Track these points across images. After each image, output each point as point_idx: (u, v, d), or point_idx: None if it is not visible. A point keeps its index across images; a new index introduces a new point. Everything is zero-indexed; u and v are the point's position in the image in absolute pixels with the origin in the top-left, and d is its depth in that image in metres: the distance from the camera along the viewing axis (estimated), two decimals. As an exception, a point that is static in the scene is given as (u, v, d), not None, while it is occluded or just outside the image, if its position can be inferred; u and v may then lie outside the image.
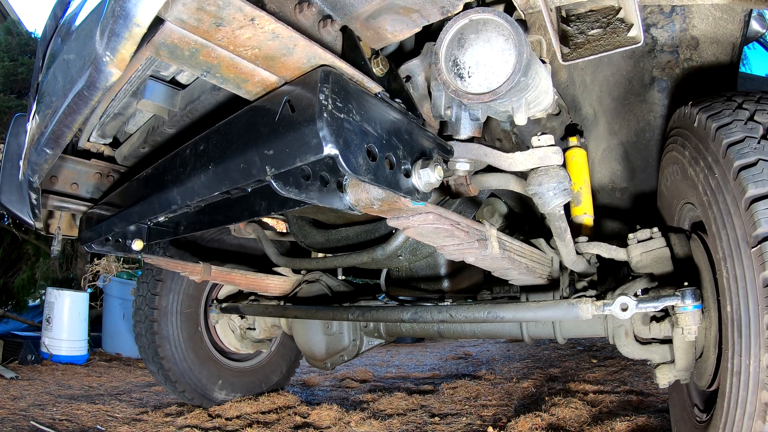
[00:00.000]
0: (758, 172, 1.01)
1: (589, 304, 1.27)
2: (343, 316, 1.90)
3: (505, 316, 1.43)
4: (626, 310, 1.22)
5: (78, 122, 0.96)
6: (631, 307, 1.22)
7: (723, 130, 1.11)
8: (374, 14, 0.95)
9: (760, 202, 0.98)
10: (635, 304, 1.23)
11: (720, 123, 1.13)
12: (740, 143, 1.07)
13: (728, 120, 1.13)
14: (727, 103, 1.18)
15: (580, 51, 1.08)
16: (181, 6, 0.67)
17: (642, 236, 1.54)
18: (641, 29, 1.04)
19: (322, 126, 0.74)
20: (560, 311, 1.33)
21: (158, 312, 2.55)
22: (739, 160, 1.04)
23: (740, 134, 1.08)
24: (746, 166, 1.03)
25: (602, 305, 1.26)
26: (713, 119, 1.15)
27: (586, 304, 1.27)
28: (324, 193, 0.96)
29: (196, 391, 2.61)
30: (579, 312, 1.28)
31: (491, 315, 1.45)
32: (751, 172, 1.02)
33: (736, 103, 1.17)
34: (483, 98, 0.87)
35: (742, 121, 1.11)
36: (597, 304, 1.26)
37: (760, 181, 1.00)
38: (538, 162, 1.04)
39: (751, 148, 1.05)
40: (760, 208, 0.97)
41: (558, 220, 1.26)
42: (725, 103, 1.18)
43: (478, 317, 1.49)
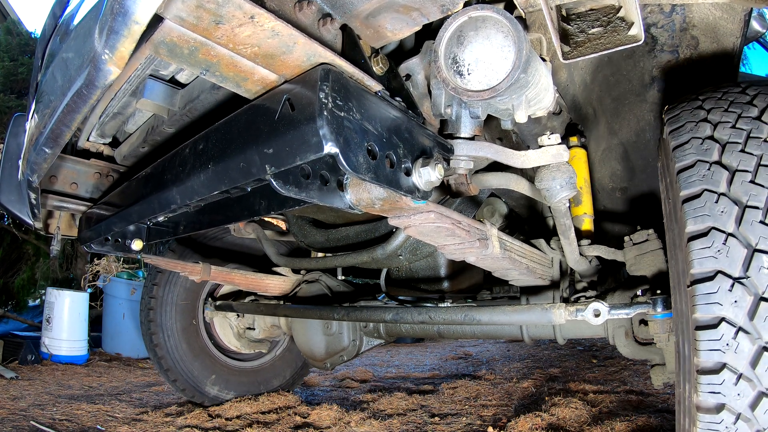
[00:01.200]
0: (700, 205, 0.92)
1: (562, 309, 1.29)
2: (329, 315, 1.91)
3: (482, 319, 1.46)
4: (599, 316, 1.23)
5: (77, 121, 0.96)
6: (604, 313, 1.23)
7: (678, 151, 1.00)
8: (374, 12, 0.94)
9: (697, 240, 0.90)
10: (608, 310, 1.23)
11: (677, 141, 1.01)
12: (690, 169, 0.96)
13: (686, 138, 1.01)
14: (693, 113, 1.05)
15: (580, 49, 1.07)
16: (180, 3, 0.67)
17: (638, 238, 1.54)
18: (642, 28, 1.04)
19: (322, 124, 0.74)
20: (534, 316, 1.35)
21: (155, 301, 2.62)
22: (684, 190, 0.95)
23: (693, 158, 0.97)
24: (690, 197, 0.94)
25: (575, 310, 1.27)
26: (673, 136, 1.04)
27: (560, 309, 1.30)
28: (324, 192, 0.95)
29: (188, 383, 2.64)
30: (552, 317, 1.30)
31: (468, 318, 1.48)
32: (693, 206, 0.92)
33: (703, 113, 1.03)
34: (483, 95, 0.86)
35: (699, 139, 0.99)
36: (570, 309, 1.28)
37: (699, 216, 0.91)
38: (551, 159, 1.05)
39: (698, 176, 0.94)
40: (696, 248, 0.90)
41: (563, 216, 1.26)
42: (692, 113, 1.05)
43: (456, 320, 1.52)
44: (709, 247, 0.89)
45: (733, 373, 0.85)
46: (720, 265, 0.88)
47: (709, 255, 0.89)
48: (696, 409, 0.89)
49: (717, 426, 0.86)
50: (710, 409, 0.87)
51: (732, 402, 0.85)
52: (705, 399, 0.87)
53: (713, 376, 0.86)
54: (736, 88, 1.10)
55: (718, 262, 0.88)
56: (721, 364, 0.86)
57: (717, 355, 0.86)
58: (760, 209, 0.89)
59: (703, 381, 0.87)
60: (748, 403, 0.84)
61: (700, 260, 0.89)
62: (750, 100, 1.03)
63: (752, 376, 0.84)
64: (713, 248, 0.89)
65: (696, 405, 0.89)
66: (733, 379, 0.85)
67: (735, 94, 1.07)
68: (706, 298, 0.87)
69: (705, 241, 0.90)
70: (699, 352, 0.87)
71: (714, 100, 1.07)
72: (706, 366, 0.87)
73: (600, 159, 1.85)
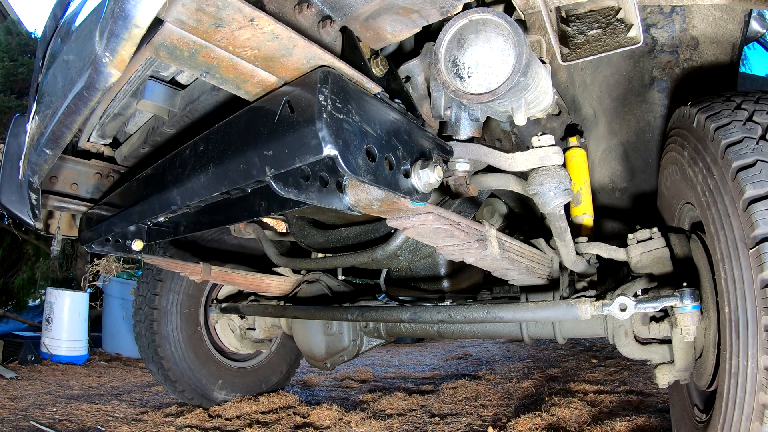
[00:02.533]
0: (756, 173, 1.01)
1: (588, 304, 1.27)
2: (340, 316, 1.90)
3: (504, 316, 1.43)
4: (625, 310, 1.22)
5: (78, 123, 0.96)
6: (630, 307, 1.22)
7: (721, 130, 1.10)
8: (374, 15, 0.95)
9: (759, 203, 0.97)
10: (634, 304, 1.23)
11: (718, 123, 1.12)
12: (738, 144, 1.06)
13: (727, 120, 1.12)
14: (726, 104, 1.17)
15: (579, 51, 1.08)
16: (180, 7, 0.67)
17: (641, 236, 1.54)
18: (641, 29, 1.04)
19: (321, 126, 0.74)
20: (559, 311, 1.33)
21: (158, 312, 2.56)
22: (737, 161, 1.04)
23: (738, 135, 1.07)
24: (744, 167, 1.03)
25: (601, 305, 1.25)
26: (712, 119, 1.14)
27: (585, 305, 1.27)
28: (323, 194, 0.96)
29: (196, 391, 2.61)
30: (578, 312, 1.28)
31: (490, 315, 1.45)
32: (750, 173, 1.01)
33: (735, 104, 1.16)
34: (482, 98, 0.87)
35: (740, 121, 1.10)
36: (596, 305, 1.26)
37: (758, 182, 0.99)
38: (539, 162, 1.04)
39: (749, 149, 1.04)
40: (758, 210, 0.97)
41: (558, 220, 1.26)
42: (724, 104, 1.17)
43: (477, 317, 1.49)
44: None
45: None
46: None
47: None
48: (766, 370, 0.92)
49: None
50: None
51: None
52: None
53: None
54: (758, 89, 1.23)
55: None
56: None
57: None
58: None
59: None
60: None
61: (765, 220, 0.95)
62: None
63: None
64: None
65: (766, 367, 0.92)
66: None
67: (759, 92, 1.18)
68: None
69: (767, 203, 0.97)
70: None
71: (741, 95, 1.19)
72: None
73: (600, 159, 1.85)
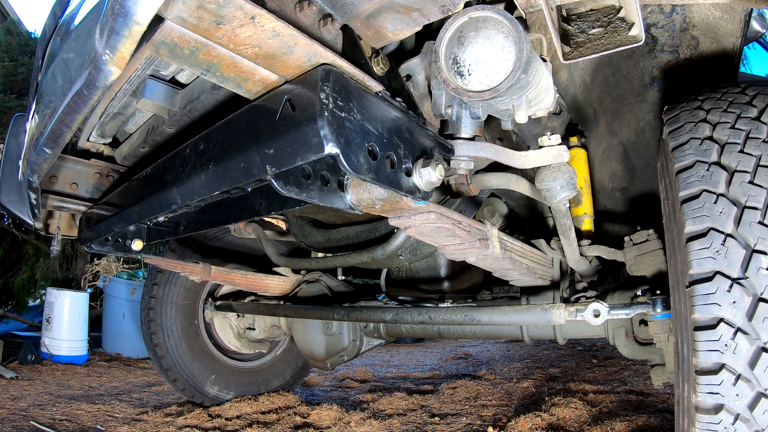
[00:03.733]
0: (699, 206, 0.92)
1: (562, 309, 1.29)
2: (327, 315, 1.92)
3: (482, 319, 1.46)
4: (598, 316, 1.23)
5: (77, 122, 0.96)
6: (603, 313, 1.23)
7: (677, 152, 1.00)
8: (375, 13, 0.95)
9: (696, 241, 0.91)
10: (607, 310, 1.24)
11: (677, 142, 1.02)
12: (689, 170, 0.96)
13: (685, 139, 1.01)
14: (692, 113, 1.05)
15: (581, 50, 1.08)
16: (181, 4, 0.67)
17: (638, 239, 1.54)
18: (642, 28, 1.04)
19: (323, 125, 0.74)
20: (534, 316, 1.35)
21: (155, 300, 2.63)
22: (683, 191, 0.95)
23: (692, 158, 0.97)
24: (688, 198, 0.94)
25: (575, 311, 1.27)
26: (673, 136, 1.04)
27: (559, 310, 1.30)
28: (325, 193, 0.95)
29: (188, 383, 2.64)
30: (552, 317, 1.30)
31: (468, 318, 1.48)
32: (692, 206, 0.93)
33: (703, 113, 1.04)
34: (483, 96, 0.86)
35: (698, 140, 0.99)
36: (570, 310, 1.28)
37: (698, 217, 0.91)
38: (552, 159, 1.05)
39: (697, 177, 0.95)
40: (695, 248, 0.90)
41: (563, 216, 1.26)
42: (691, 113, 1.06)
43: (456, 320, 1.52)
44: (707, 248, 0.89)
45: (732, 373, 0.85)
46: (719, 265, 0.88)
47: (707, 255, 0.89)
48: (695, 409, 0.89)
49: (716, 426, 0.86)
50: (709, 410, 0.87)
51: (731, 402, 0.85)
52: (704, 399, 0.87)
53: (712, 376, 0.86)
54: (735, 88, 1.10)
55: (716, 263, 0.88)
56: (720, 364, 0.86)
57: (716, 355, 0.86)
58: (759, 210, 0.89)
59: (702, 381, 0.87)
60: (746, 403, 0.84)
61: (699, 261, 0.89)
62: (749, 101, 1.04)
63: (751, 376, 0.84)
64: (712, 249, 0.89)
65: (695, 405, 0.89)
66: (732, 380, 0.85)
67: (734, 94, 1.07)
68: (704, 299, 0.88)
69: (704, 242, 0.90)
70: (698, 353, 0.88)
71: (713, 100, 1.07)
72: (705, 366, 0.87)
73: (600, 159, 1.85)
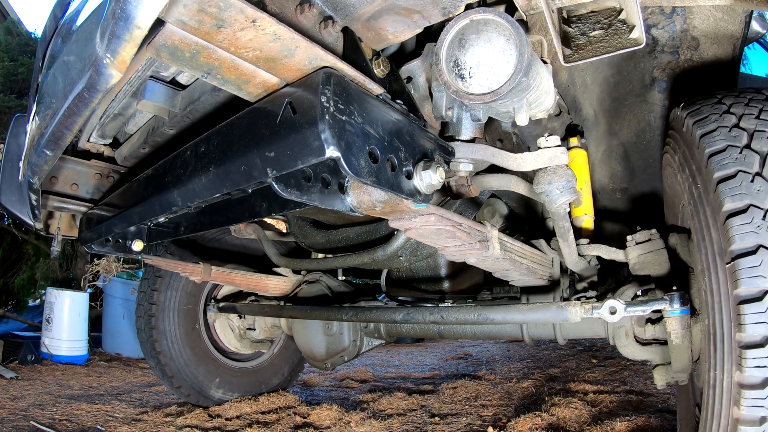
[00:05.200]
0: (737, 185, 0.96)
1: (578, 307, 1.28)
2: (334, 316, 1.91)
3: (495, 318, 1.45)
4: (615, 313, 1.23)
5: (78, 124, 0.96)
6: (620, 310, 1.22)
7: (706, 138, 1.05)
8: (375, 15, 0.95)
9: (736, 217, 0.94)
10: (624, 307, 1.23)
11: (704, 130, 1.07)
12: (722, 153, 1.01)
13: (713, 127, 1.07)
14: (714, 107, 1.12)
15: (581, 52, 1.08)
16: (182, 8, 0.67)
17: (640, 238, 1.54)
18: (643, 31, 1.04)
19: (323, 128, 0.74)
20: (550, 314, 1.34)
21: (156, 307, 2.59)
22: (718, 172, 0.99)
23: (723, 143, 1.02)
24: (725, 178, 0.98)
25: (591, 308, 1.26)
26: (698, 125, 1.09)
27: (575, 307, 1.28)
28: (325, 195, 0.95)
29: (193, 388, 2.62)
30: (568, 315, 1.29)
31: (482, 317, 1.47)
32: (729, 185, 0.97)
33: (725, 107, 1.10)
34: (484, 99, 0.86)
35: (726, 128, 1.05)
36: (586, 307, 1.27)
37: (737, 195, 0.95)
38: (548, 162, 1.05)
39: (731, 159, 0.99)
40: (736, 224, 0.93)
41: (562, 219, 1.26)
42: (713, 107, 1.12)
43: (469, 319, 1.50)
44: (749, 223, 0.93)
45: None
46: (761, 239, 0.91)
47: (749, 230, 0.92)
48: (739, 386, 0.90)
49: (764, 401, 0.88)
50: (757, 385, 0.88)
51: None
52: (751, 374, 0.88)
53: (760, 349, 0.88)
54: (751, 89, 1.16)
55: (759, 237, 0.91)
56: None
57: (763, 327, 0.87)
58: None
59: (749, 355, 0.88)
60: None
61: (742, 235, 0.93)
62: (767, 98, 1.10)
63: None
64: (753, 224, 0.93)
65: (739, 382, 0.90)
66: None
67: (752, 92, 1.13)
68: (749, 272, 0.90)
69: (745, 218, 0.94)
70: (744, 326, 0.89)
71: (732, 96, 1.13)
72: (753, 340, 0.88)
73: (600, 160, 1.85)
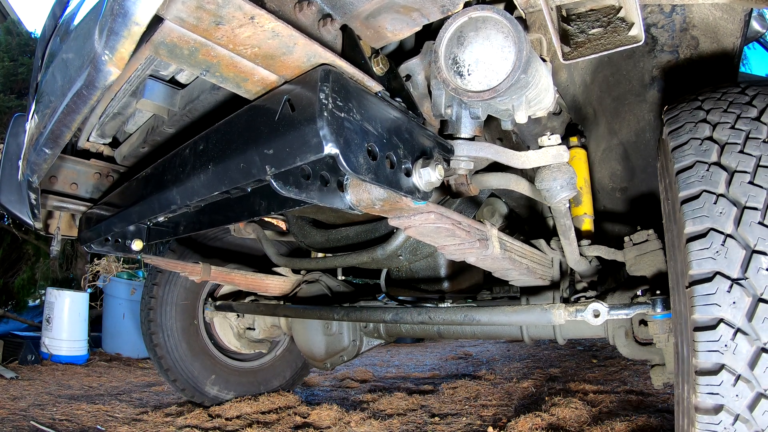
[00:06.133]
0: (699, 206, 0.92)
1: (562, 309, 1.29)
2: (327, 315, 1.92)
3: (481, 319, 1.46)
4: (598, 316, 1.23)
5: (77, 122, 0.96)
6: (603, 314, 1.23)
7: (677, 152, 1.00)
8: (374, 13, 0.95)
9: (696, 241, 0.91)
10: (607, 310, 1.24)
11: (677, 142, 1.02)
12: (689, 170, 0.96)
13: (685, 139, 1.01)
14: (692, 113, 1.05)
15: (580, 50, 1.08)
16: (180, 5, 0.67)
17: (638, 239, 1.54)
18: (642, 28, 1.04)
19: (322, 125, 0.74)
20: (533, 316, 1.35)
21: (155, 300, 2.62)
22: (683, 191, 0.95)
23: (692, 158, 0.97)
24: (688, 198, 0.94)
25: (575, 311, 1.27)
26: (672, 136, 1.04)
27: (559, 310, 1.30)
28: (324, 193, 0.95)
29: (188, 383, 2.64)
30: (552, 317, 1.30)
31: (468, 318, 1.48)
32: (692, 207, 0.93)
33: (702, 113, 1.03)
34: (483, 96, 0.86)
35: (698, 140, 0.99)
36: (570, 310, 1.28)
37: (698, 218, 0.91)
38: (552, 159, 1.05)
39: (697, 177, 0.94)
40: (695, 248, 0.90)
41: (563, 216, 1.26)
42: (691, 113, 1.06)
43: (455, 320, 1.52)
44: (707, 248, 0.89)
45: (732, 374, 0.85)
46: (719, 266, 0.88)
47: (707, 256, 0.89)
48: (695, 409, 0.89)
49: (715, 427, 0.86)
50: (709, 410, 0.87)
51: (730, 403, 0.85)
52: (704, 400, 0.87)
53: (712, 377, 0.86)
54: (735, 88, 1.10)
55: (716, 263, 0.88)
56: (720, 365, 0.86)
57: (715, 356, 0.86)
58: (759, 210, 0.89)
59: (702, 382, 0.87)
60: (746, 404, 0.84)
61: (699, 261, 0.89)
62: (749, 101, 1.04)
63: (750, 377, 0.84)
64: (712, 249, 0.89)
65: (695, 405, 0.89)
66: (732, 380, 0.85)
67: (734, 94, 1.07)
68: (704, 299, 0.87)
69: (704, 242, 0.90)
70: (698, 353, 0.88)
71: (713, 100, 1.07)
72: (705, 367, 0.87)
73: (600, 159, 1.85)
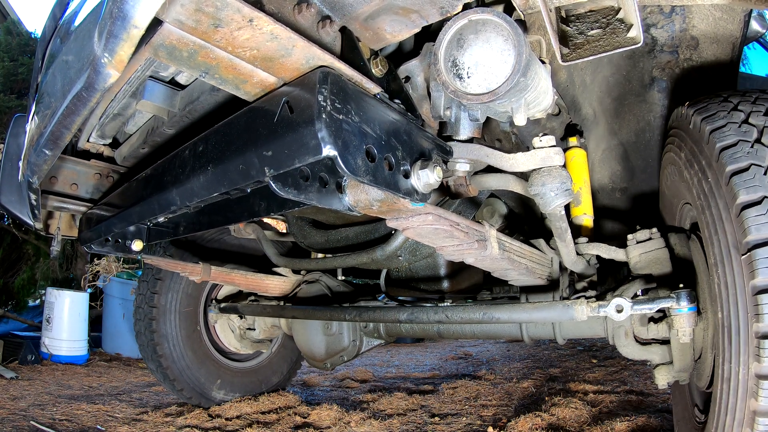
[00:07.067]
0: (750, 177, 0.99)
1: (584, 305, 1.28)
2: (337, 316, 1.91)
3: (501, 317, 1.44)
4: (621, 311, 1.22)
5: (77, 123, 0.96)
6: (626, 308, 1.22)
7: (716, 133, 1.09)
8: (373, 15, 0.95)
9: (751, 208, 0.96)
10: (630, 305, 1.23)
11: (714, 126, 1.11)
12: (733, 147, 1.04)
13: (722, 123, 1.10)
14: (722, 105, 1.15)
15: (579, 51, 1.08)
16: (179, 7, 0.67)
17: (641, 237, 1.54)
18: (641, 30, 1.04)
19: (320, 127, 0.74)
20: (556, 312, 1.33)
21: (157, 310, 2.57)
22: (731, 165, 1.02)
23: (733, 138, 1.06)
24: (738, 171, 1.01)
25: (597, 306, 1.26)
26: (707, 122, 1.13)
27: (582, 306, 1.28)
28: (323, 194, 0.95)
29: (195, 390, 2.61)
30: (574, 313, 1.28)
31: (487, 316, 1.46)
32: (743, 178, 0.99)
33: (732, 104, 1.14)
34: (482, 99, 0.86)
35: (736, 123, 1.08)
36: (592, 306, 1.26)
37: (751, 187, 0.98)
38: (541, 163, 1.04)
39: (743, 153, 1.02)
40: (751, 215, 0.96)
41: (559, 220, 1.26)
42: (720, 105, 1.16)
43: (474, 318, 1.50)
44: (764, 214, 0.95)
45: None
46: None
47: (765, 221, 0.94)
48: (757, 378, 0.91)
49: None
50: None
51: None
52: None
53: None
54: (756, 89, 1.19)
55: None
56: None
57: None
58: None
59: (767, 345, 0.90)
60: None
61: (757, 226, 0.94)
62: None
63: None
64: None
65: (757, 373, 0.91)
66: None
67: (757, 91, 1.16)
68: (767, 262, 0.91)
69: (760, 209, 0.96)
70: (762, 316, 0.90)
71: (738, 95, 1.16)
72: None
73: (600, 159, 1.85)
